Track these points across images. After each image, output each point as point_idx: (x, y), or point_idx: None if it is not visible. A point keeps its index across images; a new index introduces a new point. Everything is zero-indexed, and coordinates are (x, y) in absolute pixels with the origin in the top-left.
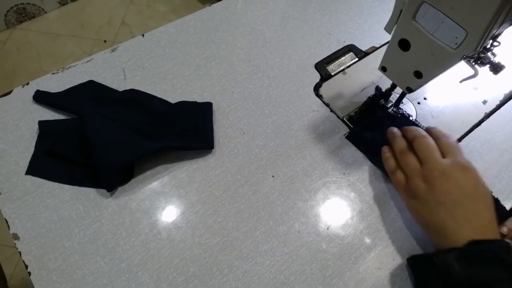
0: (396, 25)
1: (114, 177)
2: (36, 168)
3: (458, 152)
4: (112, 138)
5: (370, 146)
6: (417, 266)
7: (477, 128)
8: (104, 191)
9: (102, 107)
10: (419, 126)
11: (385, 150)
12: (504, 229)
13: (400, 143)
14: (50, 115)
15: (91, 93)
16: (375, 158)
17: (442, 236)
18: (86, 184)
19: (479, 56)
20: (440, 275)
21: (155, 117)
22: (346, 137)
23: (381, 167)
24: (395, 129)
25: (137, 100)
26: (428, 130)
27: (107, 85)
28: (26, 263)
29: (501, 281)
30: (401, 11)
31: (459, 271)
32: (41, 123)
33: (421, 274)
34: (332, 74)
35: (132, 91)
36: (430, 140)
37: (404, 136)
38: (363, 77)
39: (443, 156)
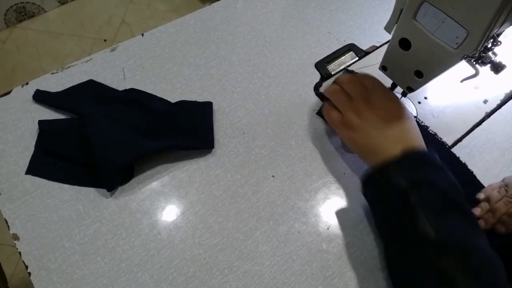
0: (396, 25)
1: (114, 176)
2: (36, 167)
3: (379, 84)
4: (112, 138)
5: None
6: (367, 190)
7: (478, 128)
8: (104, 191)
9: (102, 106)
10: (420, 125)
11: (325, 102)
12: (478, 210)
13: (332, 87)
14: (50, 114)
15: (91, 92)
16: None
17: (378, 156)
18: (86, 184)
19: (480, 55)
20: (383, 191)
21: (155, 117)
22: (317, 113)
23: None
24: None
25: (137, 100)
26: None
27: (107, 84)
28: (26, 264)
29: (436, 180)
30: (402, 10)
31: (399, 178)
32: (41, 123)
33: (373, 196)
34: (333, 73)
35: (132, 91)
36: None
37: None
38: None
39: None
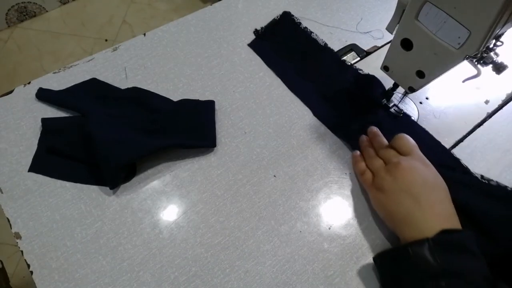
0: (398, 25)
1: (117, 174)
2: (39, 165)
3: (417, 150)
4: (115, 136)
5: (349, 133)
6: (388, 262)
7: (479, 128)
8: (106, 190)
9: (105, 104)
10: (420, 126)
11: (356, 154)
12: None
13: (369, 150)
14: (52, 114)
15: (94, 90)
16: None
17: (409, 225)
18: (89, 182)
19: (482, 56)
20: (415, 266)
21: (157, 115)
22: (249, 45)
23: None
24: (365, 137)
25: (139, 98)
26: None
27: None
28: (28, 262)
29: (472, 269)
30: (404, 10)
31: (433, 260)
32: (44, 121)
33: (394, 269)
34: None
35: (135, 89)
36: (385, 141)
37: (372, 143)
38: None
39: (404, 155)
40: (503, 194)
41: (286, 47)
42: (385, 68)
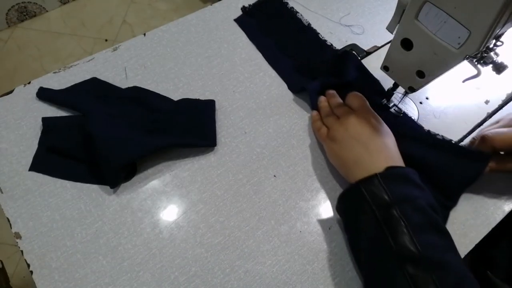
0: (398, 25)
1: (117, 174)
2: (40, 164)
3: (366, 104)
4: (115, 135)
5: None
6: (345, 204)
7: (479, 128)
8: (106, 190)
9: (105, 104)
10: (420, 126)
11: (313, 113)
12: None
13: (326, 108)
14: (52, 114)
15: (94, 90)
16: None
17: (359, 168)
18: (89, 181)
19: (482, 55)
20: (367, 201)
21: (158, 114)
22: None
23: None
24: (323, 97)
25: (140, 98)
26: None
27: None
28: (28, 262)
29: (417, 196)
30: (404, 10)
31: (382, 192)
32: (45, 120)
33: (351, 209)
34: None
35: (135, 89)
36: (340, 101)
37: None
38: None
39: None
40: (448, 147)
41: (271, 24)
42: (385, 68)
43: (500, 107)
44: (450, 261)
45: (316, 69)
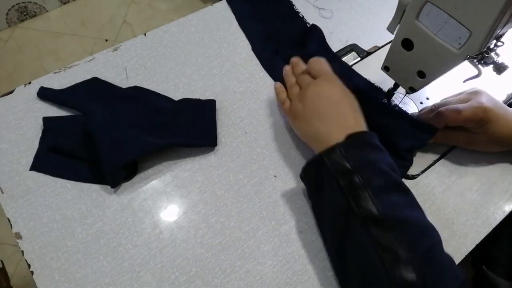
0: (399, 25)
1: (118, 173)
2: (41, 164)
3: (325, 70)
4: (116, 135)
5: None
6: (310, 174)
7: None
8: (107, 190)
9: (106, 103)
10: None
11: (277, 85)
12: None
13: (290, 78)
14: (53, 114)
15: (95, 90)
16: None
17: (319, 141)
18: (90, 180)
19: (483, 56)
20: (330, 172)
21: (158, 114)
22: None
23: None
24: (288, 67)
25: (141, 97)
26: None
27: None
28: (29, 262)
29: (377, 159)
30: (404, 10)
31: (344, 161)
32: (46, 119)
33: (315, 178)
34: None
35: (136, 88)
36: (303, 68)
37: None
38: (366, 77)
39: (314, 78)
40: (405, 116)
41: (262, 9)
42: (385, 68)
43: None
44: (410, 217)
45: (284, 40)
